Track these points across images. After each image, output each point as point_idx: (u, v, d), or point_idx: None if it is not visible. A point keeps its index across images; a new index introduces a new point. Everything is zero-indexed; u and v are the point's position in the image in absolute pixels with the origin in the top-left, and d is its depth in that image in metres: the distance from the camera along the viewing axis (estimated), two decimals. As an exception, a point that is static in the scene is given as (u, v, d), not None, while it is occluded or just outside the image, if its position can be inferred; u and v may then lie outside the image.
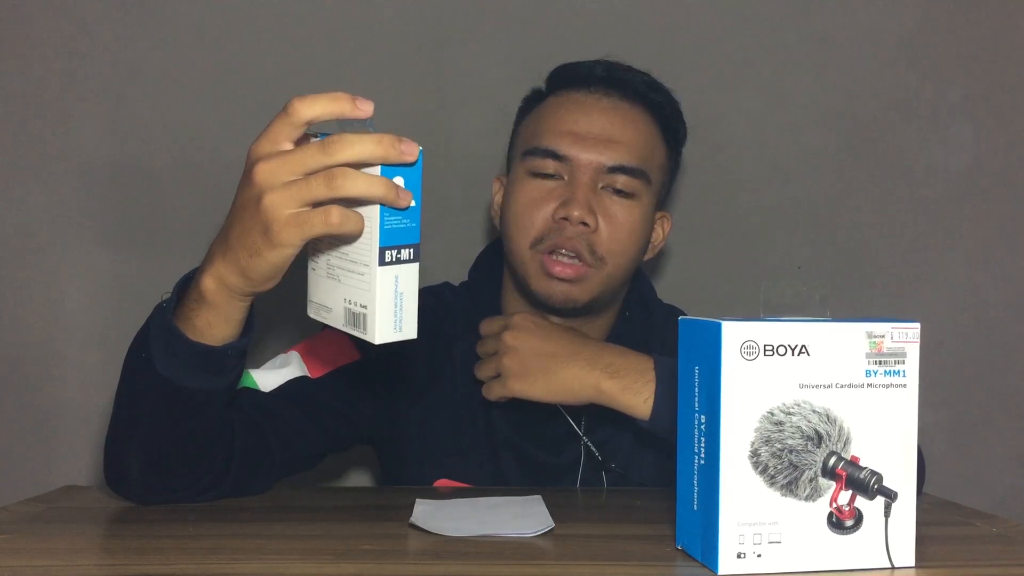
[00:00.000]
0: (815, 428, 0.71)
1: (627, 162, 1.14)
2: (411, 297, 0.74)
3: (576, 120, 1.16)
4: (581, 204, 1.12)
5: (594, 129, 1.15)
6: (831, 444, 0.71)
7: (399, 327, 0.75)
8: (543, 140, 1.16)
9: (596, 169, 1.14)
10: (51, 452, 1.60)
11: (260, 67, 1.61)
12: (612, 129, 1.15)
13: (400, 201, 0.72)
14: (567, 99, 1.19)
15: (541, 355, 1.07)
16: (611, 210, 1.14)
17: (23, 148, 1.59)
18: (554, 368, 1.06)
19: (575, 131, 1.15)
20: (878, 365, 0.72)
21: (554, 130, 1.16)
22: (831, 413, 0.71)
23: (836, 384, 0.71)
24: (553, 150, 1.15)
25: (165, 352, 0.85)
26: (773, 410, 0.71)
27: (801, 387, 0.71)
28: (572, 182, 1.14)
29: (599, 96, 1.18)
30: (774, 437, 0.71)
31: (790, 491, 0.71)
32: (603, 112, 1.16)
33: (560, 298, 1.14)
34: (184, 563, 0.75)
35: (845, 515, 0.72)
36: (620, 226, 1.14)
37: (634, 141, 1.16)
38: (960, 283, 1.68)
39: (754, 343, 0.70)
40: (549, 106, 1.20)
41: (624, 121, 1.17)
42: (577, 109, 1.17)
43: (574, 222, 1.12)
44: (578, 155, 1.14)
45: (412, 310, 0.75)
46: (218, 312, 0.82)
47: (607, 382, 1.03)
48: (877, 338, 0.72)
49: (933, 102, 1.67)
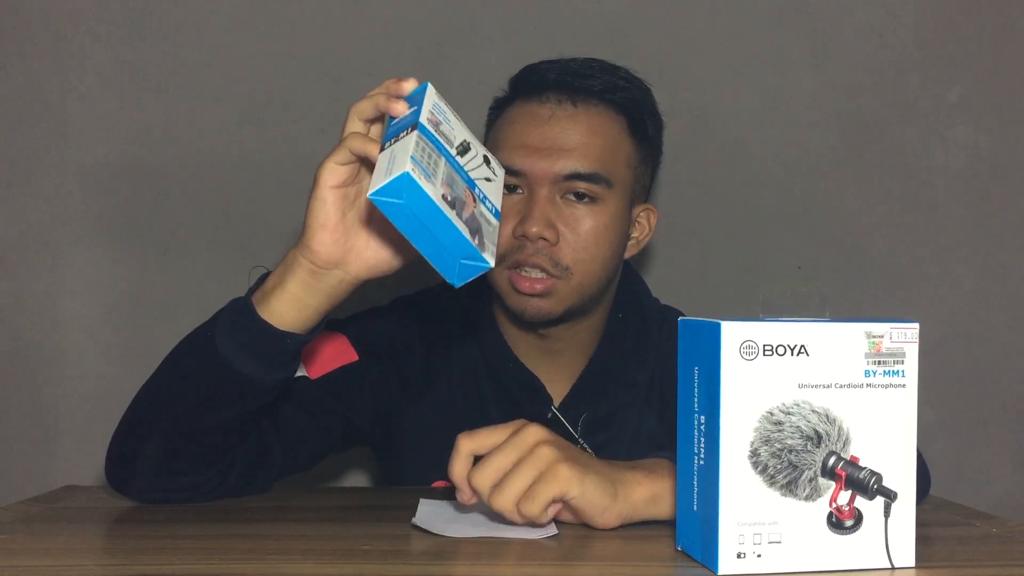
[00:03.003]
0: (814, 428, 0.71)
1: (582, 168, 1.13)
2: (402, 152, 0.75)
3: (529, 133, 1.15)
4: (537, 219, 1.11)
5: (547, 140, 1.14)
6: (830, 444, 0.71)
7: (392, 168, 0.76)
8: (500, 156, 1.15)
9: (551, 180, 1.13)
10: (51, 452, 1.60)
11: (260, 67, 1.61)
12: (564, 137, 1.14)
13: (393, 106, 0.82)
14: (522, 110, 1.18)
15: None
16: (572, 219, 1.13)
17: (23, 148, 1.59)
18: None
19: (527, 144, 1.14)
20: (877, 365, 0.72)
21: (509, 145, 1.16)
22: (830, 413, 0.71)
23: (835, 384, 0.71)
24: (508, 166, 1.14)
25: (231, 330, 0.88)
26: (772, 410, 0.71)
27: (800, 387, 0.71)
28: (530, 196, 1.13)
29: (552, 106, 1.16)
30: (773, 437, 0.71)
31: (790, 491, 0.71)
32: (555, 121, 1.15)
33: (532, 312, 1.13)
34: (184, 563, 0.75)
35: (845, 515, 0.72)
36: (584, 234, 1.13)
37: (588, 146, 1.14)
38: (960, 283, 1.68)
39: (753, 343, 0.70)
40: (507, 118, 1.19)
41: (577, 128, 1.15)
42: (530, 121, 1.16)
43: (533, 238, 1.11)
44: (532, 167, 1.13)
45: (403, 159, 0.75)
46: (294, 284, 0.87)
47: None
48: (876, 338, 0.72)
49: (933, 102, 1.67)
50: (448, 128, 0.82)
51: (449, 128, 0.82)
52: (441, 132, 0.80)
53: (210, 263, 1.61)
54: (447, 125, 0.82)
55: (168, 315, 1.60)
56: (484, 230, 0.77)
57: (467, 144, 0.83)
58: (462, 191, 0.77)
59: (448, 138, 0.81)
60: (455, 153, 0.80)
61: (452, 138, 0.81)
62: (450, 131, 0.82)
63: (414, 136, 0.76)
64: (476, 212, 0.78)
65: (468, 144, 0.83)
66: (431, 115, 0.80)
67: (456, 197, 0.76)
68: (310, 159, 1.61)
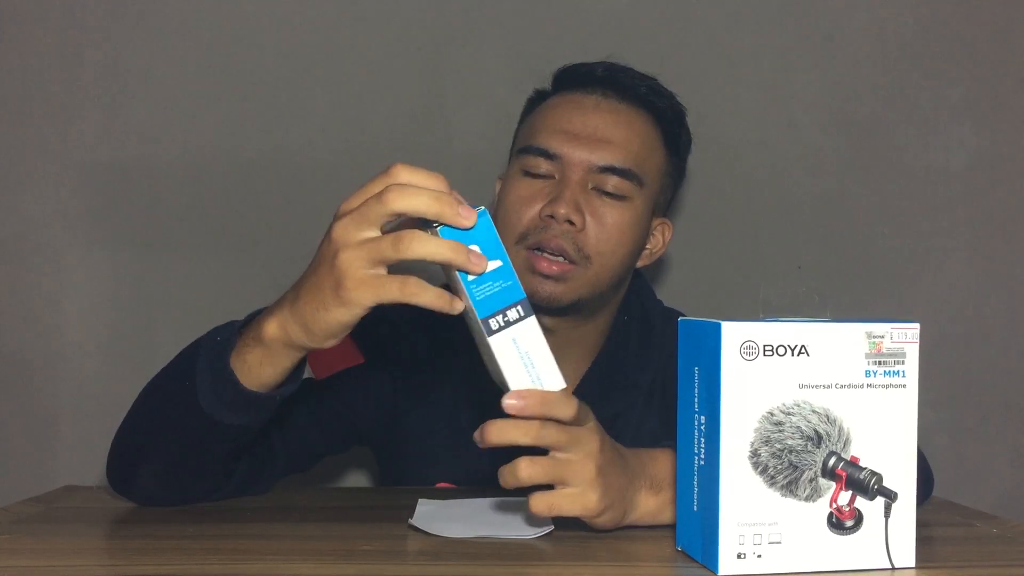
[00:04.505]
0: (815, 428, 0.71)
1: (618, 163, 1.14)
2: (540, 351, 0.73)
3: (571, 119, 1.16)
4: (568, 202, 1.11)
5: (587, 128, 1.15)
6: (831, 444, 0.71)
7: (539, 381, 0.74)
8: (537, 139, 1.16)
9: (586, 168, 1.13)
10: (51, 452, 1.60)
11: (260, 67, 1.61)
12: (606, 129, 1.15)
13: (472, 265, 0.72)
14: (565, 99, 1.19)
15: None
16: (600, 210, 1.13)
17: (23, 148, 1.59)
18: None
19: (568, 130, 1.15)
20: (878, 365, 0.72)
21: (548, 129, 1.16)
22: (831, 413, 0.71)
23: (836, 384, 0.71)
24: (545, 149, 1.14)
25: (211, 390, 0.83)
26: (773, 410, 0.71)
27: (800, 387, 0.71)
28: (562, 180, 1.13)
29: (597, 97, 1.17)
30: (774, 437, 0.71)
31: (790, 491, 0.71)
32: (599, 112, 1.16)
33: (544, 295, 1.12)
34: (184, 563, 0.75)
35: (845, 515, 0.72)
36: (609, 227, 1.13)
37: (627, 142, 1.15)
38: (960, 283, 1.68)
39: (754, 343, 0.70)
40: (548, 106, 1.20)
41: (619, 122, 1.16)
42: (573, 109, 1.17)
43: (560, 220, 1.11)
44: (569, 153, 1.13)
45: (546, 360, 0.74)
46: (271, 357, 0.81)
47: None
48: (877, 338, 0.72)
49: (933, 102, 1.67)
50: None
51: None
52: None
53: (210, 263, 1.60)
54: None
55: (168, 315, 1.60)
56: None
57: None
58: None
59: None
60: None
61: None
62: None
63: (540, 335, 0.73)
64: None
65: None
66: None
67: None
68: (310, 159, 1.63)
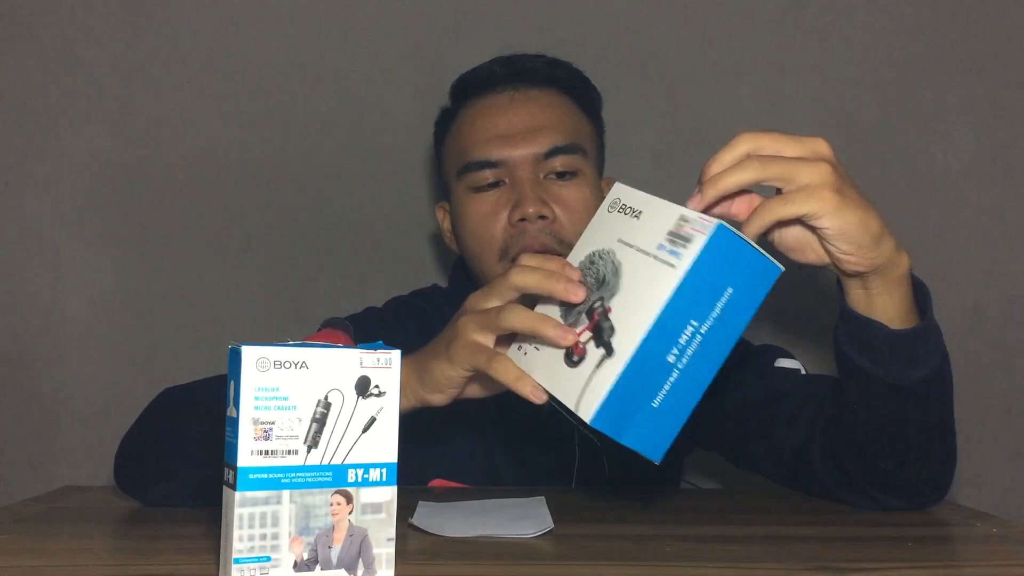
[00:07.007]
0: (604, 275, 0.75)
1: (560, 141, 1.15)
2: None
3: (496, 123, 1.16)
4: (532, 200, 1.11)
5: (516, 125, 1.15)
6: (604, 291, 0.74)
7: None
8: (472, 153, 1.16)
9: (532, 161, 1.14)
10: (51, 452, 1.60)
11: (260, 67, 1.61)
12: (532, 119, 1.16)
13: (561, 340, 0.74)
14: (480, 107, 1.19)
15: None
16: (561, 195, 1.14)
17: (24, 148, 1.59)
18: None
19: (498, 133, 1.15)
20: (670, 244, 0.72)
21: (479, 140, 1.16)
22: (621, 268, 0.74)
23: (637, 247, 0.74)
24: (486, 159, 1.15)
25: None
26: (593, 254, 0.76)
27: (619, 241, 0.75)
28: (514, 183, 1.14)
29: (510, 92, 1.18)
30: (588, 271, 0.76)
31: (568, 313, 0.76)
32: (518, 105, 1.17)
33: None
34: (184, 563, 0.75)
35: (578, 351, 0.74)
36: (574, 207, 1.14)
37: (558, 121, 1.16)
38: (960, 283, 1.68)
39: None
40: (464, 120, 1.20)
41: (541, 107, 1.17)
42: (493, 112, 1.17)
43: (532, 219, 1.11)
44: (510, 154, 1.14)
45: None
46: None
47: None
48: (683, 222, 0.72)
49: (933, 102, 1.67)
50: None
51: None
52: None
53: (211, 263, 1.60)
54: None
55: (169, 315, 1.60)
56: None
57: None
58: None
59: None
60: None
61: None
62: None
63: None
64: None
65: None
66: None
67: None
68: (310, 159, 1.63)
